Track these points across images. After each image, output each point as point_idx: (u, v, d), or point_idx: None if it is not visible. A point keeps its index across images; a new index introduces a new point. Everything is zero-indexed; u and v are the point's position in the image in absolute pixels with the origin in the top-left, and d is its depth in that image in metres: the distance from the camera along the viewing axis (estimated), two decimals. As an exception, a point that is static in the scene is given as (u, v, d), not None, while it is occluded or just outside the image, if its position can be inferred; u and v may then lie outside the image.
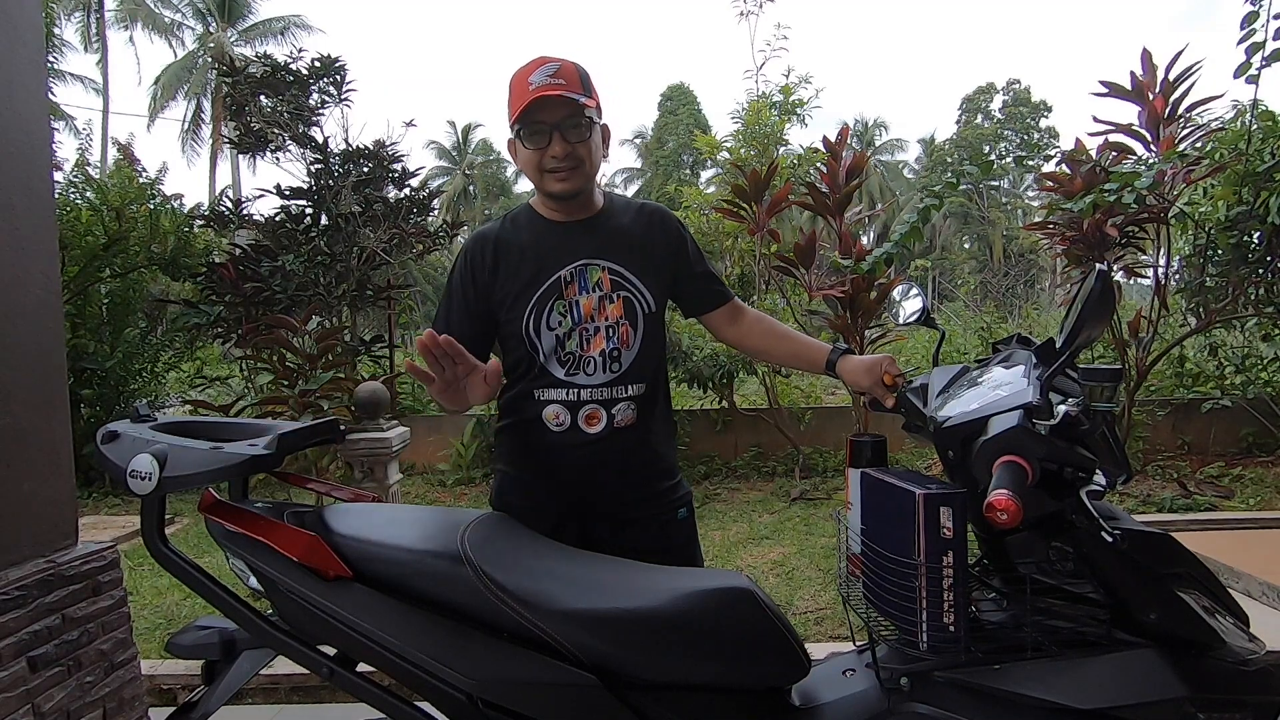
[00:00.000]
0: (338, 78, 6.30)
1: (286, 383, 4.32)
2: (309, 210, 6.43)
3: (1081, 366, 1.23)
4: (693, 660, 1.15)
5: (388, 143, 6.53)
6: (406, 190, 6.63)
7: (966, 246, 36.79)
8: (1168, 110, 4.26)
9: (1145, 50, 4.31)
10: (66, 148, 16.77)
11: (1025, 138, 35.80)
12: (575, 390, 1.49)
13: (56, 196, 2.70)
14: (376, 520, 1.27)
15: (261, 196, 6.66)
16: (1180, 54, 4.20)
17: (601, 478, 1.52)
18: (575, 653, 1.12)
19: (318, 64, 6.23)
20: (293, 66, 6.20)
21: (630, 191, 37.61)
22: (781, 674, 1.19)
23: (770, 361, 4.70)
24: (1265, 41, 3.91)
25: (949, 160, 32.88)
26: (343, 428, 1.45)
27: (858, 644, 1.36)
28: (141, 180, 6.99)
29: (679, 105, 36.47)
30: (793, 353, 1.71)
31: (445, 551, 1.17)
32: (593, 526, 1.53)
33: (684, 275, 1.64)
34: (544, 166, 1.45)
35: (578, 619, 1.13)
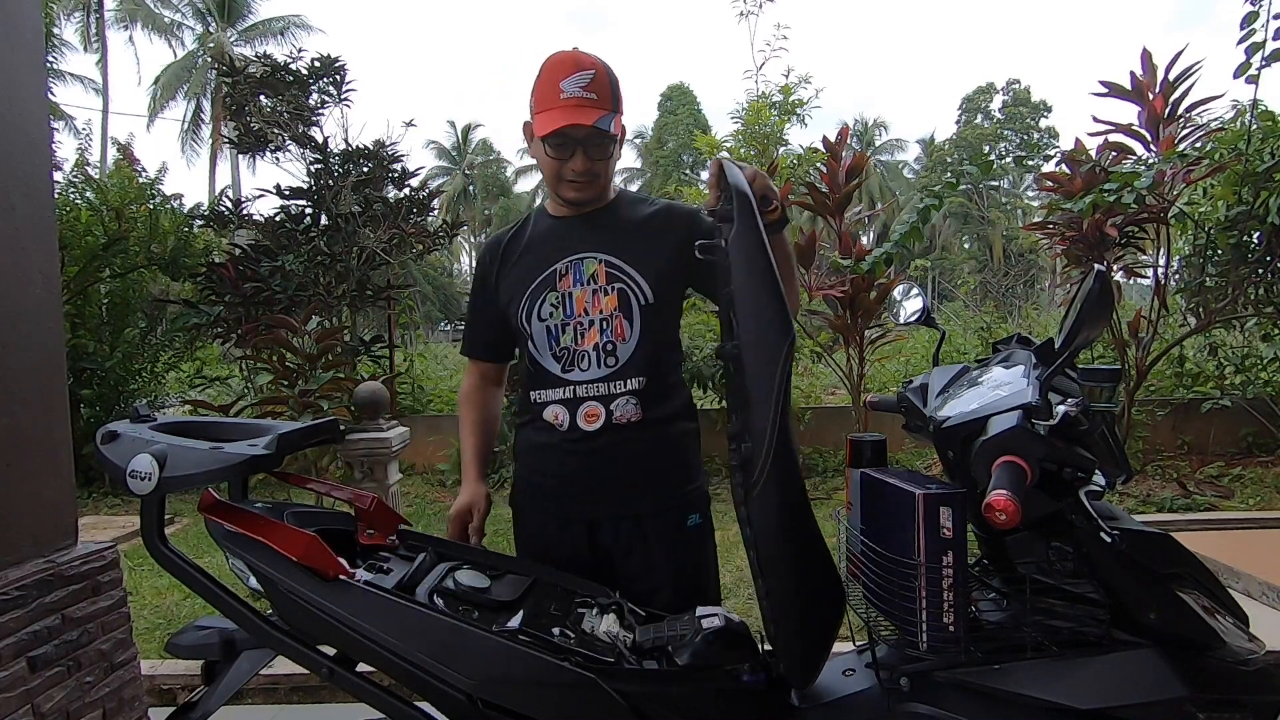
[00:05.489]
0: (337, 78, 6.29)
1: (286, 383, 4.32)
2: (309, 210, 6.42)
3: (1081, 367, 1.23)
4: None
5: (387, 143, 6.53)
6: (406, 190, 6.62)
7: (966, 246, 36.74)
8: (1167, 110, 4.27)
9: (1145, 50, 4.32)
10: (66, 148, 16.70)
11: (1025, 138, 35.75)
12: (572, 387, 1.49)
13: (56, 196, 2.70)
14: None
15: (261, 196, 6.66)
16: (1180, 54, 4.22)
17: (602, 477, 1.50)
18: None
19: (317, 64, 6.22)
20: (292, 66, 6.20)
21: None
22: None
23: None
24: (1265, 41, 3.92)
25: (949, 160, 32.83)
26: (342, 428, 1.45)
27: (858, 644, 1.36)
28: (141, 180, 6.99)
29: (679, 105, 36.42)
30: None
31: None
32: (599, 532, 1.51)
33: (698, 271, 1.51)
34: (563, 175, 1.47)
35: None
